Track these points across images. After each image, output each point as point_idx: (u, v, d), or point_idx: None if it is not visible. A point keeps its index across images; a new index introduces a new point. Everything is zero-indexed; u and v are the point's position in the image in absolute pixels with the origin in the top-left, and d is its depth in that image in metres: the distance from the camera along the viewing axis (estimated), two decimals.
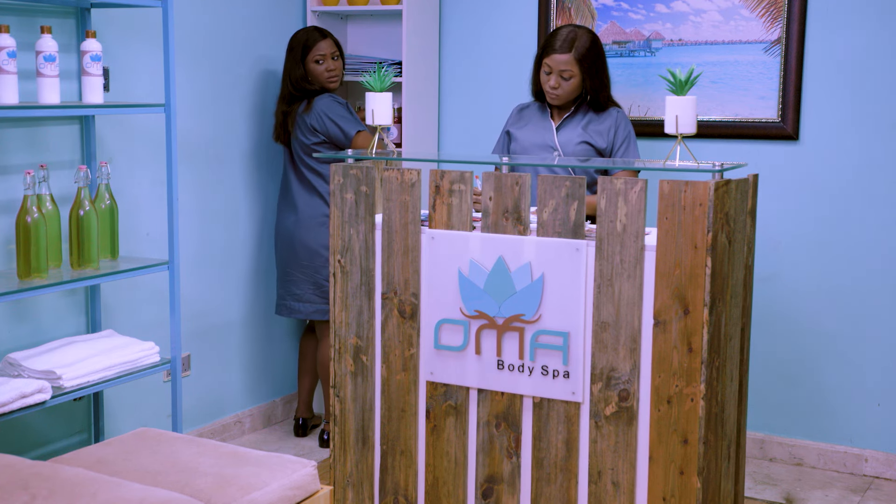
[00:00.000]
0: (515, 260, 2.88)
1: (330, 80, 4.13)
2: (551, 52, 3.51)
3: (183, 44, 3.88)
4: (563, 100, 3.56)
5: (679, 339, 2.70)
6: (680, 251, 2.68)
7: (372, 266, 3.09)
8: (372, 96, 3.15)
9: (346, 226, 3.11)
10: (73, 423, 3.64)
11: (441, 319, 3.01)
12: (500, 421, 2.96)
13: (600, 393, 2.82)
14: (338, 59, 4.17)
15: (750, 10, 3.98)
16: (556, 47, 3.51)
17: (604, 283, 2.78)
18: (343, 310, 3.15)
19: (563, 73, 3.50)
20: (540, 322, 2.88)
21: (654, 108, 4.18)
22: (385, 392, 3.11)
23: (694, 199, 2.65)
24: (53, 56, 3.12)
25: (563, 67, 3.50)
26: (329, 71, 4.12)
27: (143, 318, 3.82)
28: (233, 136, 4.23)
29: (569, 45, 3.49)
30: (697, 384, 2.69)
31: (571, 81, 3.52)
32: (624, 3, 4.20)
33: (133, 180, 3.75)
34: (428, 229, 3.00)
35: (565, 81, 3.52)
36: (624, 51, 4.23)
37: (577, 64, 3.49)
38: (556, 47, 3.51)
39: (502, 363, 2.94)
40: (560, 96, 3.54)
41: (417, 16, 4.39)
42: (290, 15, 4.48)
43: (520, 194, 2.87)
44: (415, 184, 3.00)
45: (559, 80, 3.51)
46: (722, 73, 4.06)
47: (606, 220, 2.75)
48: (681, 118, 2.76)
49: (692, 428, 2.70)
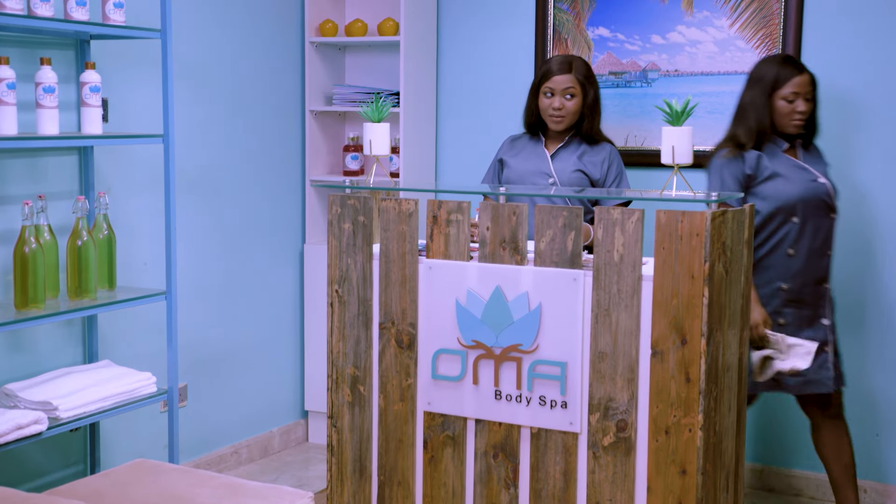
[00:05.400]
0: (513, 290, 2.89)
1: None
2: (551, 75, 3.57)
3: (181, 74, 3.90)
4: (566, 122, 3.59)
5: (677, 369, 2.70)
6: (677, 281, 2.68)
7: (369, 296, 3.09)
8: (370, 126, 3.16)
9: (343, 255, 3.12)
10: (69, 455, 3.62)
11: (439, 349, 3.00)
12: (497, 451, 2.95)
13: (598, 423, 2.81)
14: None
15: (745, 41, 4.00)
16: (555, 70, 3.58)
17: (601, 312, 2.78)
18: (340, 340, 3.14)
19: (566, 91, 3.56)
20: (537, 352, 2.87)
21: (650, 139, 4.20)
22: (382, 422, 3.10)
23: (691, 229, 2.65)
24: (53, 87, 3.14)
25: (566, 85, 3.56)
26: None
27: (140, 349, 3.81)
28: (231, 166, 4.24)
29: (567, 66, 3.58)
30: (695, 414, 2.68)
31: (574, 101, 3.57)
32: (620, 34, 4.23)
33: (131, 210, 3.75)
34: (425, 259, 3.01)
35: (568, 102, 3.57)
36: (620, 81, 4.25)
37: (577, 83, 3.57)
38: (556, 70, 3.58)
39: (500, 393, 2.93)
40: (564, 118, 3.58)
41: (415, 47, 4.41)
42: (288, 45, 4.50)
43: (517, 224, 2.87)
44: (412, 214, 3.01)
45: (562, 100, 3.56)
46: (718, 103, 4.08)
47: (603, 250, 2.76)
48: (677, 148, 2.77)
49: (690, 458, 2.70)
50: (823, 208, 3.43)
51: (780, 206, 3.40)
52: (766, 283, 3.46)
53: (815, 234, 3.43)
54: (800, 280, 3.44)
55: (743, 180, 3.44)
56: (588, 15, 4.27)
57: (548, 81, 3.57)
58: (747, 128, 3.46)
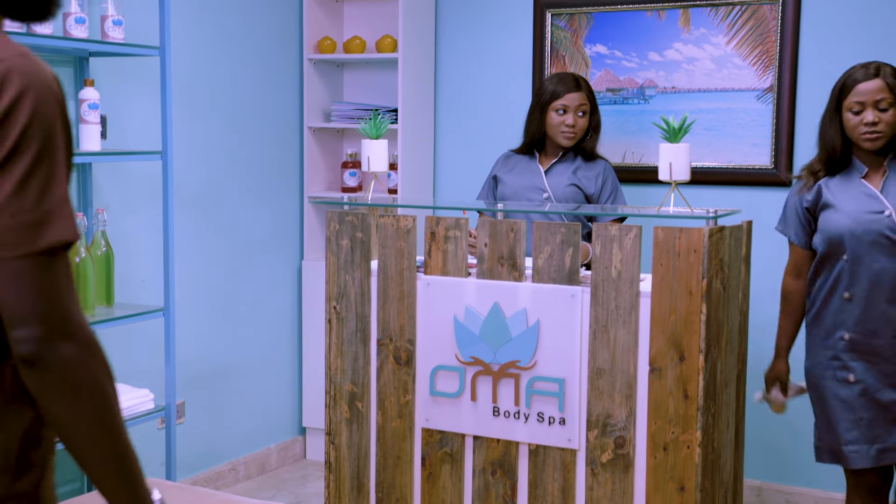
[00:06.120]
0: (511, 306, 2.89)
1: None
2: (563, 92, 3.58)
3: (180, 91, 3.91)
4: (577, 138, 3.62)
5: (675, 385, 2.70)
6: (675, 297, 2.68)
7: (367, 312, 3.09)
8: (368, 143, 3.17)
9: (341, 272, 3.12)
10: (64, 472, 3.61)
11: (437, 366, 3.00)
12: (495, 468, 2.95)
13: (596, 440, 2.81)
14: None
15: (742, 58, 4.02)
16: (567, 88, 3.59)
17: (599, 329, 2.78)
18: (338, 356, 3.14)
19: (580, 108, 3.59)
20: (535, 368, 2.87)
21: (648, 155, 4.21)
22: (380, 439, 3.10)
23: (688, 246, 2.66)
24: None
25: (580, 102, 3.59)
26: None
27: (138, 365, 3.81)
28: (229, 182, 4.25)
29: (577, 84, 3.61)
30: (693, 431, 2.68)
31: (586, 118, 3.61)
32: (617, 52, 4.25)
33: (129, 227, 3.75)
34: (423, 275, 3.01)
35: (581, 119, 3.59)
36: (618, 98, 4.27)
37: (588, 101, 3.62)
38: (568, 88, 3.59)
39: (498, 410, 2.93)
40: (577, 134, 3.61)
41: (413, 64, 4.43)
42: (287, 62, 4.51)
43: (515, 241, 2.88)
44: (410, 230, 3.01)
45: (575, 117, 3.58)
46: (715, 120, 4.09)
47: (601, 267, 2.76)
48: (675, 165, 2.78)
49: (689, 475, 2.69)
50: (887, 246, 2.88)
51: (829, 242, 2.94)
52: (826, 333, 2.99)
53: (876, 275, 2.89)
54: (865, 329, 2.91)
55: (803, 213, 3.03)
56: (585, 32, 4.29)
57: (560, 99, 3.58)
58: (820, 150, 3.02)
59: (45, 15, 1.42)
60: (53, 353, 1.28)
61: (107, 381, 1.33)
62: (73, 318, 1.30)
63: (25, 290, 1.27)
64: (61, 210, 1.28)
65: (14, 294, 1.26)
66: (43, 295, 1.27)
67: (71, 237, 1.29)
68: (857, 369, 2.92)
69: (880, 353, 2.90)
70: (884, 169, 2.94)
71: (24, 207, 1.26)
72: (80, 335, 1.30)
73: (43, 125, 1.27)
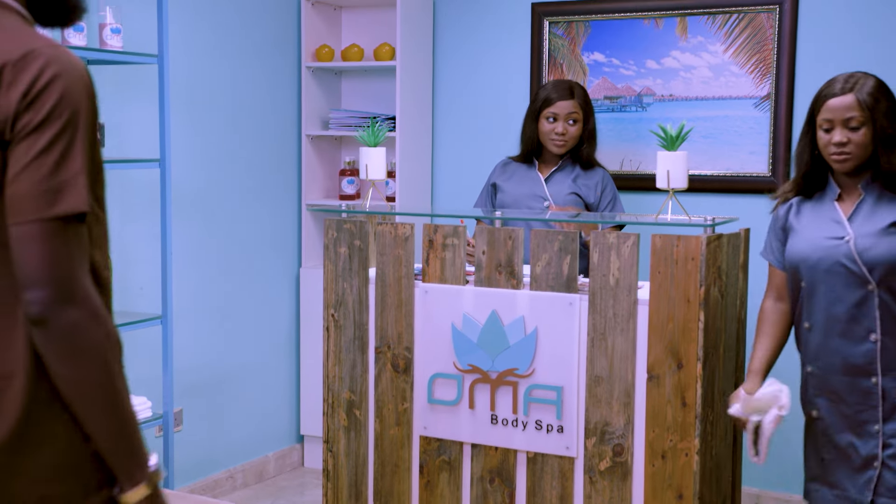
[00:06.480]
0: (509, 314, 2.89)
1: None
2: (555, 100, 3.58)
3: (178, 99, 3.91)
4: (568, 146, 3.61)
5: (673, 393, 2.70)
6: (673, 305, 2.68)
7: (365, 320, 3.09)
8: (366, 151, 3.17)
9: (339, 280, 3.12)
10: None
11: (435, 374, 3.00)
12: (494, 476, 2.95)
13: (594, 448, 2.81)
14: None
15: (739, 66, 4.02)
16: (558, 96, 3.59)
17: (597, 337, 2.78)
18: (336, 364, 3.14)
19: (570, 116, 3.57)
20: (533, 376, 2.87)
21: (645, 163, 4.21)
22: (378, 447, 3.09)
23: (686, 254, 2.66)
24: None
25: (570, 111, 3.57)
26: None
27: (135, 373, 3.78)
28: (227, 190, 4.25)
29: (569, 92, 3.60)
30: (692, 439, 2.68)
31: (577, 126, 3.60)
32: (615, 59, 4.25)
33: (127, 235, 3.75)
34: (421, 283, 3.01)
35: (571, 127, 3.58)
36: (615, 106, 4.27)
37: (580, 109, 3.59)
38: (559, 95, 3.59)
39: (496, 418, 2.93)
40: (567, 142, 3.59)
41: (411, 71, 4.43)
42: (285, 70, 4.52)
43: (513, 248, 2.88)
44: (408, 238, 3.01)
45: (566, 126, 3.57)
46: (713, 128, 4.10)
47: (599, 274, 2.76)
48: (672, 173, 2.78)
49: (687, 483, 2.69)
50: (843, 275, 2.54)
51: (788, 268, 2.68)
52: (801, 363, 2.72)
53: (831, 305, 2.57)
54: (822, 364, 2.61)
55: (779, 234, 2.76)
56: (583, 40, 4.29)
57: (551, 106, 3.58)
58: (795, 169, 2.73)
59: (68, 21, 1.59)
60: (59, 316, 1.38)
61: (108, 348, 1.43)
62: (81, 285, 1.41)
63: (37, 255, 1.37)
64: (76, 181, 1.39)
65: (27, 257, 1.37)
66: (53, 260, 1.37)
67: (83, 208, 1.39)
68: (820, 406, 2.63)
69: (837, 391, 2.58)
70: (859, 192, 2.59)
71: (41, 176, 1.36)
72: (87, 303, 1.41)
73: (70, 105, 1.39)
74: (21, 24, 1.48)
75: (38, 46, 1.41)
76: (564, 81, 3.67)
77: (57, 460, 1.45)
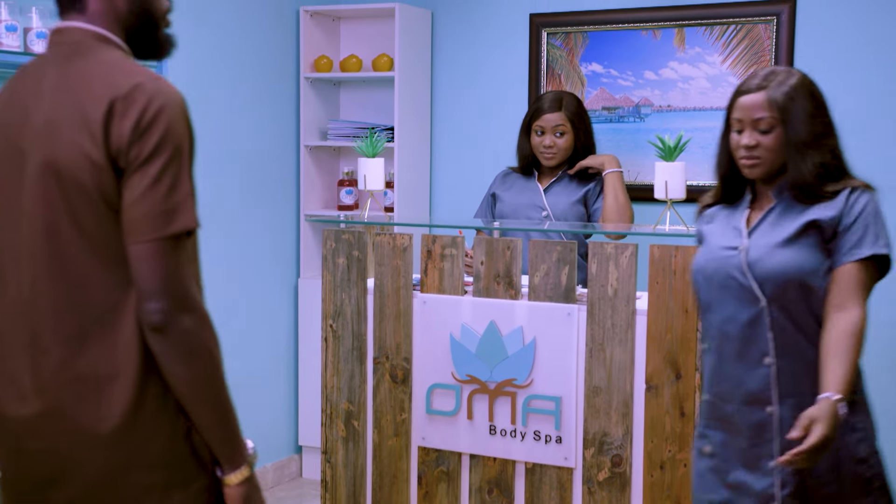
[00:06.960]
0: (507, 324, 2.89)
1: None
2: (541, 113, 3.58)
3: None
4: (558, 159, 3.60)
5: (671, 403, 2.70)
6: (671, 315, 2.69)
7: (364, 330, 3.09)
8: (364, 161, 3.18)
9: (337, 290, 3.12)
10: None
11: (433, 384, 3.00)
12: (492, 487, 2.94)
13: (593, 458, 2.81)
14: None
15: (737, 76, 4.03)
16: (545, 108, 3.58)
17: (595, 347, 2.78)
18: (335, 374, 3.14)
19: (557, 129, 3.56)
20: (532, 387, 2.87)
21: (643, 173, 4.22)
22: (377, 457, 3.09)
23: (685, 264, 2.66)
24: None
25: (557, 123, 3.56)
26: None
27: None
28: (226, 200, 4.25)
29: (557, 104, 3.58)
30: (690, 449, 2.68)
31: (565, 138, 3.58)
32: (613, 70, 4.26)
33: None
34: (420, 294, 3.01)
35: (559, 139, 3.57)
36: (613, 117, 4.28)
37: (568, 121, 3.57)
38: (546, 108, 3.58)
39: (494, 428, 2.93)
40: (556, 155, 3.58)
41: (409, 82, 4.44)
42: (283, 81, 4.53)
43: (511, 259, 2.88)
44: (407, 248, 3.02)
45: (553, 138, 3.57)
46: (711, 138, 4.10)
47: (598, 285, 2.77)
48: (670, 183, 2.79)
49: (686, 493, 2.69)
50: (735, 290, 2.23)
51: (693, 281, 2.37)
52: (700, 391, 2.45)
53: (724, 324, 2.26)
54: (717, 390, 2.28)
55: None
56: (581, 51, 4.30)
57: (538, 120, 3.59)
58: (716, 176, 2.41)
59: (161, 54, 1.77)
60: (176, 323, 1.57)
61: (215, 348, 1.64)
62: (192, 294, 1.60)
63: (155, 270, 1.56)
64: (186, 203, 1.59)
65: (146, 272, 1.56)
66: (169, 274, 1.56)
67: (194, 225, 1.60)
68: (714, 440, 2.28)
69: (733, 421, 2.24)
70: (771, 199, 2.29)
71: (156, 200, 1.55)
72: (197, 309, 1.60)
73: (175, 135, 1.59)
74: (123, 57, 1.66)
75: (142, 81, 1.58)
76: (556, 93, 3.66)
77: (162, 451, 1.61)
